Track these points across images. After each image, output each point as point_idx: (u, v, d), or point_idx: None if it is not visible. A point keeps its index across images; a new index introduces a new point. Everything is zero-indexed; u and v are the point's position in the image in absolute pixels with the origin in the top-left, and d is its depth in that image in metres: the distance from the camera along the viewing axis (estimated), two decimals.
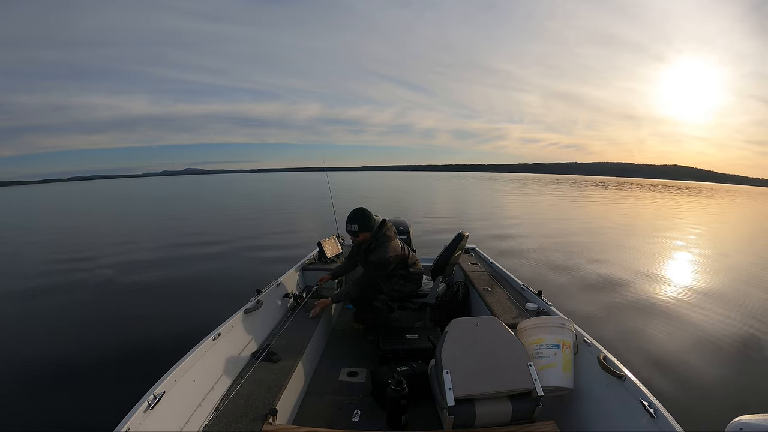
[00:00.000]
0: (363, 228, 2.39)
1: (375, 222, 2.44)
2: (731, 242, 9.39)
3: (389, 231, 2.49)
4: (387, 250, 2.40)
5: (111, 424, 1.16)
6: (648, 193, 33.69)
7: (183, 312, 4.55)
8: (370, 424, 1.88)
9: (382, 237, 2.44)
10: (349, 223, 2.40)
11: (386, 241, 2.43)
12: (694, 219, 14.36)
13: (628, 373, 1.45)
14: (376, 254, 2.39)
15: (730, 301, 4.84)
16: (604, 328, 3.91)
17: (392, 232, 2.51)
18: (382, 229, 2.46)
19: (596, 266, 6.51)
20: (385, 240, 2.43)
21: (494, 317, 1.90)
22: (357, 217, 2.40)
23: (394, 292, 2.61)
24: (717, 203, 24.40)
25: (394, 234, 2.52)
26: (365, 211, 2.44)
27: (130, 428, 1.17)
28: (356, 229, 2.38)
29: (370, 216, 2.43)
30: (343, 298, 2.65)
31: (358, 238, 2.43)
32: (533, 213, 15.54)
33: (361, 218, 2.40)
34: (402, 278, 2.59)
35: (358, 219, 2.39)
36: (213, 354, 1.73)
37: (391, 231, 2.51)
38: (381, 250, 2.39)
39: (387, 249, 2.40)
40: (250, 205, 20.31)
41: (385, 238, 2.43)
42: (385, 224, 2.50)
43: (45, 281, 6.26)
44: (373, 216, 2.45)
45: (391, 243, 2.45)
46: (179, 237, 10.30)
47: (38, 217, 18.67)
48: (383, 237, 2.44)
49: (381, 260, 2.39)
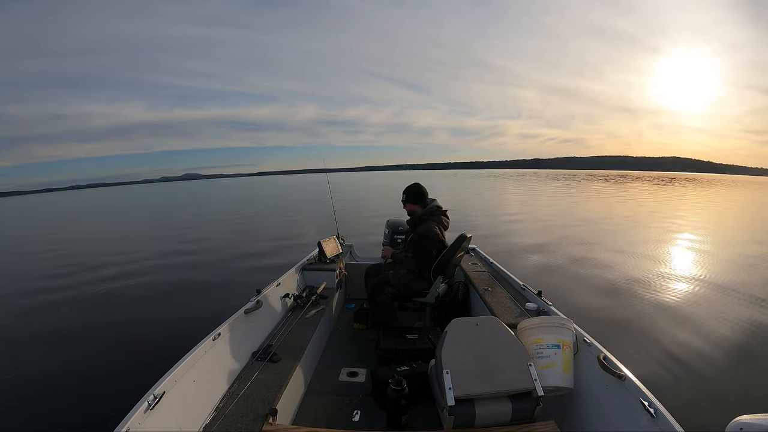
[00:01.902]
0: (408, 199, 2.70)
1: (427, 201, 2.70)
2: (732, 238, 9.38)
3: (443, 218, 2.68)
4: (433, 226, 2.58)
5: (111, 424, 1.16)
6: (648, 186, 33.64)
7: (183, 312, 4.55)
8: (370, 424, 1.88)
9: (435, 216, 2.65)
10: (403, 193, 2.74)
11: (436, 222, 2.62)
12: (695, 215, 14.37)
13: (628, 373, 1.45)
14: (424, 226, 2.60)
15: (730, 301, 4.84)
16: (604, 327, 3.91)
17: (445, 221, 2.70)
18: (437, 212, 2.67)
19: (596, 266, 6.51)
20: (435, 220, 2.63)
21: (494, 317, 1.90)
22: (408, 188, 2.73)
23: (401, 286, 2.62)
24: (715, 194, 24.40)
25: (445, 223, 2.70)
26: (417, 186, 2.71)
27: (130, 428, 1.17)
28: (404, 198, 2.72)
29: (421, 192, 2.69)
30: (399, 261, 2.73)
31: (405, 207, 2.73)
32: (533, 210, 15.54)
33: (410, 191, 2.70)
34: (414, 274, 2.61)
35: (407, 190, 2.72)
36: (213, 354, 1.73)
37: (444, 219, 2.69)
38: (428, 224, 2.59)
39: (433, 226, 2.58)
40: (249, 208, 20.32)
41: (437, 219, 2.64)
42: (441, 210, 2.70)
43: (46, 284, 6.27)
44: (426, 194, 2.71)
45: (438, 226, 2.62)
46: (178, 240, 10.32)
47: (37, 225, 18.67)
48: (436, 217, 2.64)
49: (426, 231, 2.55)
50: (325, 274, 3.19)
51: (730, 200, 24.07)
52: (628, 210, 16.49)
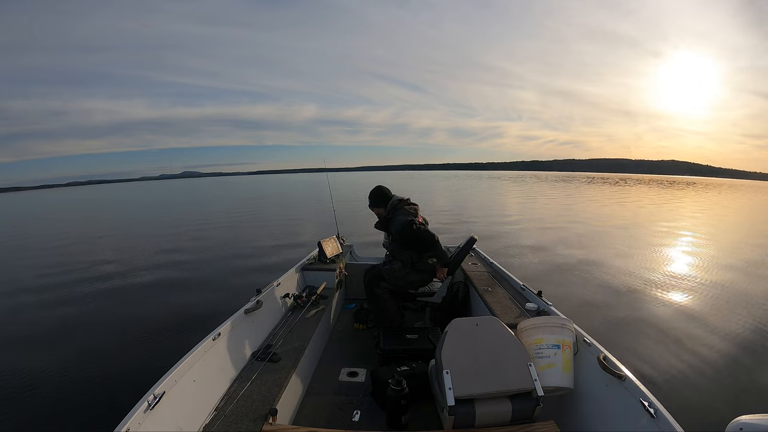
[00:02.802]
0: (372, 203, 2.68)
1: (390, 198, 2.66)
2: (732, 241, 9.39)
3: (407, 206, 2.63)
4: (401, 215, 2.55)
5: (111, 424, 1.16)
6: (648, 190, 33.68)
7: (183, 312, 4.54)
8: (370, 424, 1.88)
9: (399, 210, 2.60)
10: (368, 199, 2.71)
11: (401, 213, 2.57)
12: (696, 218, 14.37)
13: (628, 373, 1.45)
14: (394, 223, 2.55)
15: (730, 301, 4.84)
16: (604, 327, 3.91)
17: (411, 209, 2.63)
18: (399, 205, 2.62)
19: (597, 266, 6.51)
20: (400, 212, 2.57)
21: (494, 317, 1.90)
22: (370, 193, 2.71)
23: (395, 279, 2.60)
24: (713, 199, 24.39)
25: (413, 210, 2.63)
26: (378, 189, 2.71)
27: (130, 428, 1.17)
28: (369, 204, 2.69)
29: (383, 193, 2.67)
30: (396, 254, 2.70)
31: (373, 211, 2.71)
32: (533, 211, 15.55)
33: (372, 195, 2.69)
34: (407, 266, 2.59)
35: (370, 195, 2.70)
36: (213, 354, 1.73)
37: (409, 208, 2.63)
38: (396, 218, 2.56)
39: (401, 214, 2.55)
40: (249, 207, 20.31)
41: (401, 211, 2.58)
42: (404, 201, 2.65)
43: (46, 284, 6.27)
44: (387, 193, 2.68)
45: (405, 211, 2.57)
46: (177, 239, 10.30)
47: (35, 222, 18.64)
48: (400, 210, 2.58)
49: (399, 223, 2.50)
50: (325, 274, 3.19)
51: (728, 204, 24.09)
52: (629, 212, 16.50)
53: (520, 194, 27.33)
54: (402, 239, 2.55)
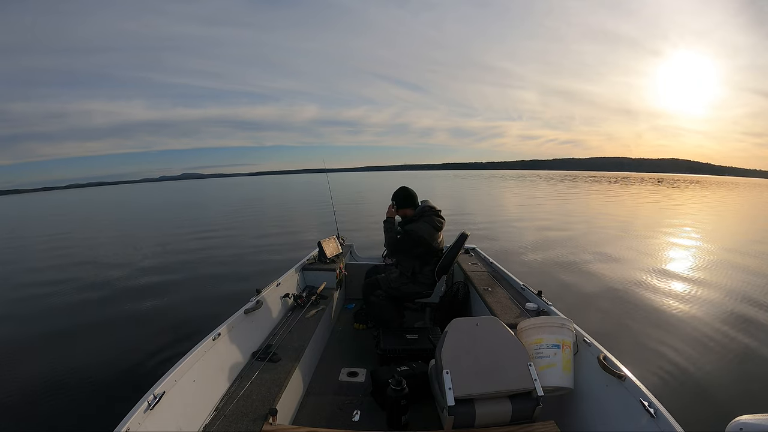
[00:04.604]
0: (399, 204, 2.63)
1: (417, 202, 2.65)
2: (733, 240, 9.37)
3: (435, 219, 2.56)
4: (423, 228, 2.49)
5: (111, 424, 1.16)
6: (649, 189, 33.65)
7: (183, 312, 4.54)
8: (370, 424, 1.88)
9: (427, 218, 2.54)
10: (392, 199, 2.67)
11: (428, 223, 2.52)
12: (696, 217, 14.36)
13: (628, 373, 1.45)
14: (412, 225, 2.53)
15: (730, 300, 4.83)
16: (604, 327, 3.91)
17: (438, 222, 2.57)
18: (429, 212, 2.57)
19: (597, 266, 6.50)
20: (428, 221, 2.52)
21: (494, 317, 1.90)
22: (396, 194, 2.66)
23: (391, 290, 2.60)
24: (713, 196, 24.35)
25: (438, 224, 2.57)
26: (404, 190, 2.65)
27: (130, 428, 1.17)
28: (393, 205, 2.64)
29: (409, 195, 2.63)
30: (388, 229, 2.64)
31: (398, 213, 2.65)
32: (533, 211, 15.53)
33: (398, 196, 2.64)
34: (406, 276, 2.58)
35: (395, 196, 2.65)
36: (213, 354, 1.73)
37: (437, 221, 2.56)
38: (417, 224, 2.52)
39: (423, 228, 2.50)
40: (249, 207, 20.32)
41: (429, 220, 2.53)
42: (434, 211, 2.58)
43: (46, 285, 6.27)
44: (414, 195, 2.66)
45: (429, 228, 2.51)
46: (178, 239, 10.31)
47: (35, 224, 18.65)
48: (428, 218, 2.54)
49: (411, 230, 2.50)
50: (325, 274, 3.19)
51: (728, 202, 24.05)
52: (629, 211, 16.48)
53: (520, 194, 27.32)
54: (399, 243, 2.53)
